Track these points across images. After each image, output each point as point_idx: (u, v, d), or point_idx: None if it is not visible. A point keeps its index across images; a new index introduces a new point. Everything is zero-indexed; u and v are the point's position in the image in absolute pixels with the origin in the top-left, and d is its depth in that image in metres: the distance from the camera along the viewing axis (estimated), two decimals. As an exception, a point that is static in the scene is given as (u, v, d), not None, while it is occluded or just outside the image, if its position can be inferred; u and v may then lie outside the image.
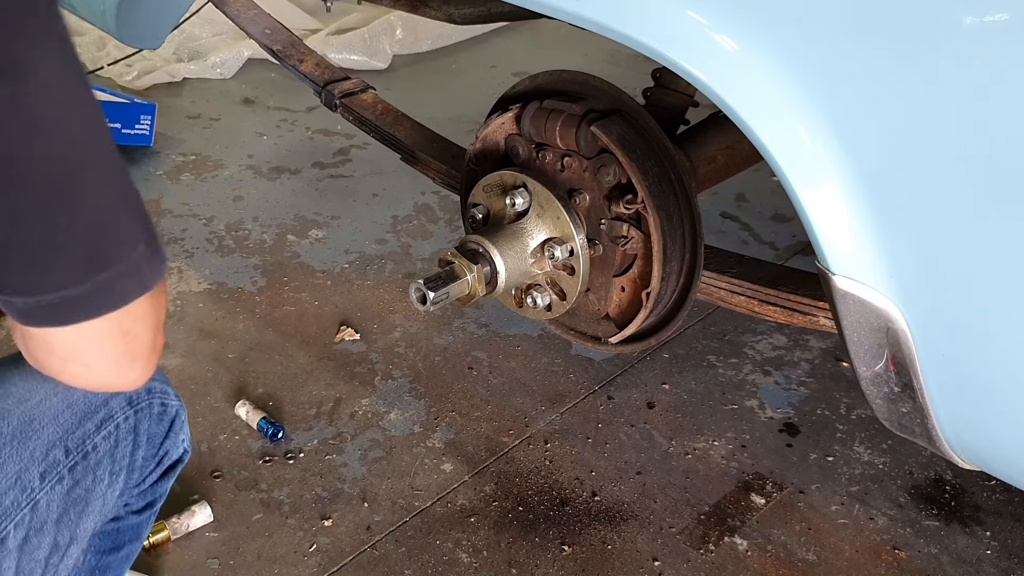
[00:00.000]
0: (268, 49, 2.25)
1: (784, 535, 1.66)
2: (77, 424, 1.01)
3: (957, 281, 0.94)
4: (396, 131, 1.98)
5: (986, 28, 0.83)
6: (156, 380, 1.12)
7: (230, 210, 2.68)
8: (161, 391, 1.12)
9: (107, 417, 1.04)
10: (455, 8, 1.91)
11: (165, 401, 1.12)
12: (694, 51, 1.00)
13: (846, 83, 0.92)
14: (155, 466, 1.14)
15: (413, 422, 1.91)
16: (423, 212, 2.68)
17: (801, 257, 2.44)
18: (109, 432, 1.04)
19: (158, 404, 1.11)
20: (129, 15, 1.84)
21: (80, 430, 1.01)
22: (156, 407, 1.11)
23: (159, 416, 1.12)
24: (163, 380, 1.14)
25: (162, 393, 1.12)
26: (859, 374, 1.08)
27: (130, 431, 1.07)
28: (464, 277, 1.39)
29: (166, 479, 1.18)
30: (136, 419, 1.07)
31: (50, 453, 0.98)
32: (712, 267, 1.44)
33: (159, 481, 1.17)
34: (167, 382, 1.15)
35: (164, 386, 1.13)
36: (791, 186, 0.98)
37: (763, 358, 2.10)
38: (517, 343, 2.14)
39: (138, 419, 1.08)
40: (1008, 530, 1.67)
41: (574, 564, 1.61)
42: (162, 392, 1.12)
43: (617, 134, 1.32)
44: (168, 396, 1.13)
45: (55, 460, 0.98)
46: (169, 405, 1.13)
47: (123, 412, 1.06)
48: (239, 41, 3.64)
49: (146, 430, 1.10)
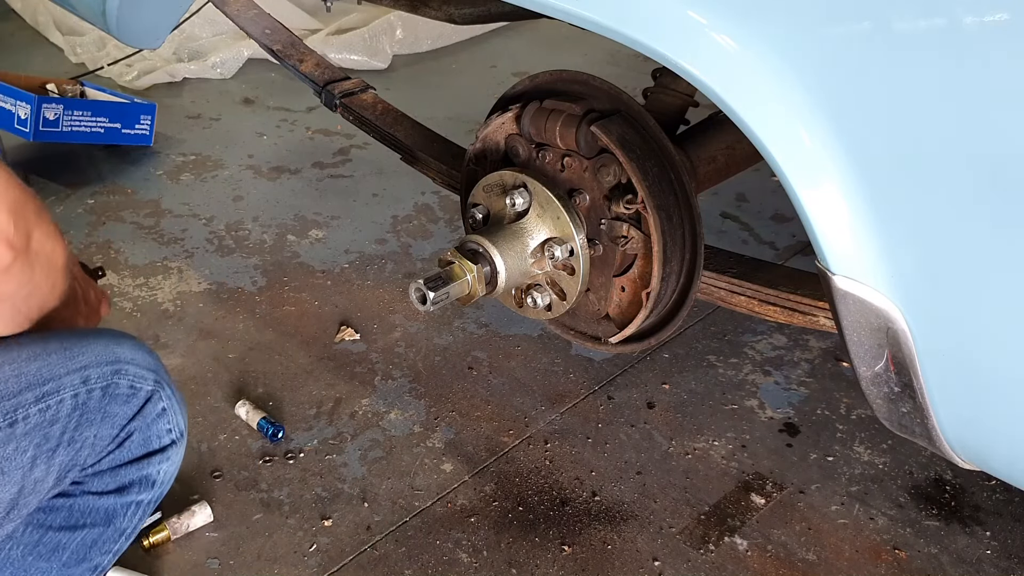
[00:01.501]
0: (268, 49, 2.25)
1: (784, 535, 1.66)
2: (16, 392, 1.01)
3: (957, 281, 0.94)
4: (396, 131, 1.98)
5: (986, 28, 0.83)
6: (133, 363, 1.11)
7: (230, 210, 2.69)
8: (135, 374, 1.11)
9: (52, 391, 1.03)
10: (455, 8, 1.91)
11: (136, 384, 1.11)
12: (694, 51, 1.00)
13: (846, 83, 0.92)
14: (115, 447, 1.13)
15: (413, 422, 1.92)
16: (423, 212, 2.68)
17: (801, 257, 2.44)
18: (48, 406, 1.03)
19: (125, 385, 1.10)
20: (129, 15, 1.84)
21: (16, 399, 1.01)
22: (123, 388, 1.10)
23: (125, 398, 1.11)
24: (146, 364, 1.13)
25: (135, 376, 1.11)
26: (859, 374, 1.08)
27: (76, 408, 1.06)
28: (464, 277, 1.38)
29: (142, 465, 1.17)
30: (88, 397, 1.07)
31: None
32: (712, 267, 1.44)
33: (130, 464, 1.16)
34: (152, 368, 1.14)
35: (140, 369, 1.12)
36: (791, 186, 0.98)
37: (763, 358, 2.10)
38: (517, 343, 2.14)
39: (91, 397, 1.07)
40: (1008, 530, 1.67)
41: (574, 564, 1.61)
42: (135, 375, 1.11)
43: (617, 134, 1.32)
44: (143, 379, 1.12)
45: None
46: (140, 388, 1.12)
47: (72, 388, 1.05)
48: (239, 41, 3.64)
49: (102, 408, 1.09)
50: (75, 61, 3.66)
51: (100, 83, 3.26)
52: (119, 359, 1.11)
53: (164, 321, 2.20)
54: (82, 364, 1.07)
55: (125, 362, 1.11)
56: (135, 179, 2.87)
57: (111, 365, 1.10)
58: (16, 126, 2.81)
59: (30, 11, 4.03)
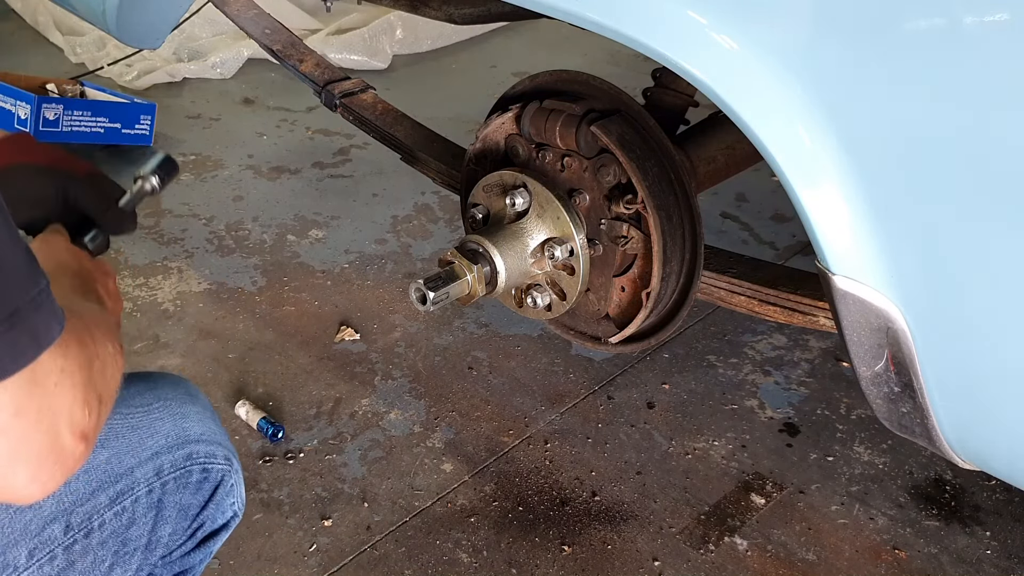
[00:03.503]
0: (268, 49, 2.25)
1: (784, 535, 1.66)
2: (89, 496, 0.89)
3: (957, 281, 0.94)
4: (396, 131, 1.98)
5: (986, 28, 0.83)
6: (202, 441, 0.98)
7: (230, 210, 2.68)
8: (206, 453, 0.98)
9: (126, 489, 0.91)
10: (455, 8, 1.90)
11: (209, 465, 0.99)
12: (694, 51, 0.99)
13: (846, 83, 0.92)
14: (187, 539, 1.02)
15: (413, 422, 1.91)
16: (423, 212, 2.68)
17: (801, 257, 2.44)
18: (124, 507, 0.92)
19: (198, 471, 0.98)
20: (129, 15, 1.84)
21: (90, 503, 0.89)
22: (196, 474, 0.98)
23: (198, 485, 0.98)
24: (213, 438, 1.00)
25: (207, 456, 0.98)
26: (859, 374, 1.08)
27: (152, 506, 0.94)
28: (464, 277, 1.38)
29: (204, 547, 1.05)
30: (163, 491, 0.95)
31: (47, 528, 0.86)
32: (712, 267, 1.44)
33: (194, 551, 1.05)
34: (220, 439, 1.01)
35: (211, 447, 0.99)
36: (791, 186, 0.98)
37: (763, 358, 2.10)
38: (517, 343, 2.14)
39: (165, 491, 0.95)
40: (1008, 530, 1.67)
41: (574, 564, 1.61)
42: (207, 455, 0.98)
43: (617, 134, 1.32)
44: (214, 459, 1.00)
45: (51, 537, 0.86)
46: (212, 469, 0.99)
47: (147, 484, 0.93)
48: (239, 41, 3.64)
49: (177, 503, 0.97)
50: (75, 61, 3.66)
51: (100, 83, 3.26)
52: (189, 437, 0.98)
53: (164, 321, 2.20)
54: (154, 451, 0.95)
55: (196, 441, 0.99)
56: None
57: (182, 448, 0.97)
58: (16, 126, 2.81)
59: (30, 11, 4.03)
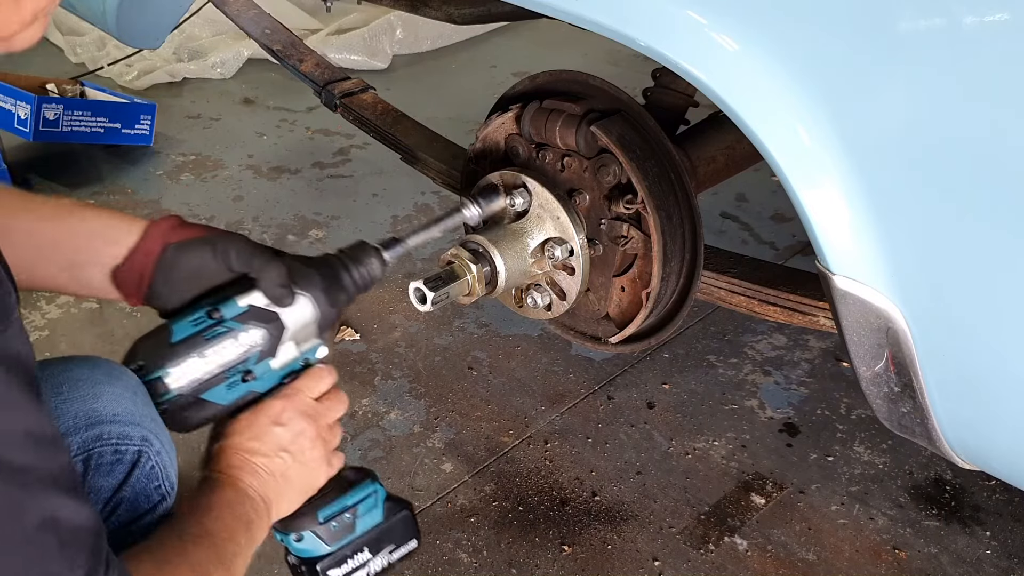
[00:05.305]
0: (268, 49, 2.25)
1: (784, 535, 1.66)
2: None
3: (957, 281, 0.94)
4: (396, 131, 1.98)
5: (987, 28, 0.83)
6: (115, 422, 0.92)
7: (230, 210, 2.68)
8: (119, 434, 0.92)
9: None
10: (455, 8, 1.91)
11: (121, 447, 0.93)
12: (694, 51, 0.99)
13: (846, 83, 0.92)
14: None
15: (413, 422, 1.91)
16: (423, 212, 2.68)
17: (801, 257, 2.43)
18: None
19: (109, 452, 0.92)
20: (129, 15, 1.84)
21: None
22: (107, 456, 0.92)
23: (110, 467, 0.93)
24: (128, 418, 0.94)
25: (119, 437, 0.92)
26: (859, 374, 1.08)
27: None
28: (464, 277, 1.38)
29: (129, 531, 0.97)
30: None
31: None
32: (712, 267, 1.44)
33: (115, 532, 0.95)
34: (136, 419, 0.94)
35: (124, 427, 0.93)
36: (791, 186, 0.98)
37: (763, 358, 2.10)
38: (517, 343, 2.14)
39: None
40: (1008, 530, 1.67)
41: (574, 564, 1.61)
42: (119, 435, 0.92)
43: (617, 134, 1.32)
44: (127, 439, 0.93)
45: None
46: (125, 451, 0.93)
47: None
48: (239, 41, 3.64)
49: (86, 485, 0.90)
50: (75, 61, 3.66)
51: (100, 83, 3.26)
52: (100, 418, 0.92)
53: (164, 321, 2.20)
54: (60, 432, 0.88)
55: (107, 422, 0.92)
56: (135, 179, 2.87)
57: (91, 429, 0.92)
58: (16, 126, 2.81)
59: (30, 11, 4.02)
